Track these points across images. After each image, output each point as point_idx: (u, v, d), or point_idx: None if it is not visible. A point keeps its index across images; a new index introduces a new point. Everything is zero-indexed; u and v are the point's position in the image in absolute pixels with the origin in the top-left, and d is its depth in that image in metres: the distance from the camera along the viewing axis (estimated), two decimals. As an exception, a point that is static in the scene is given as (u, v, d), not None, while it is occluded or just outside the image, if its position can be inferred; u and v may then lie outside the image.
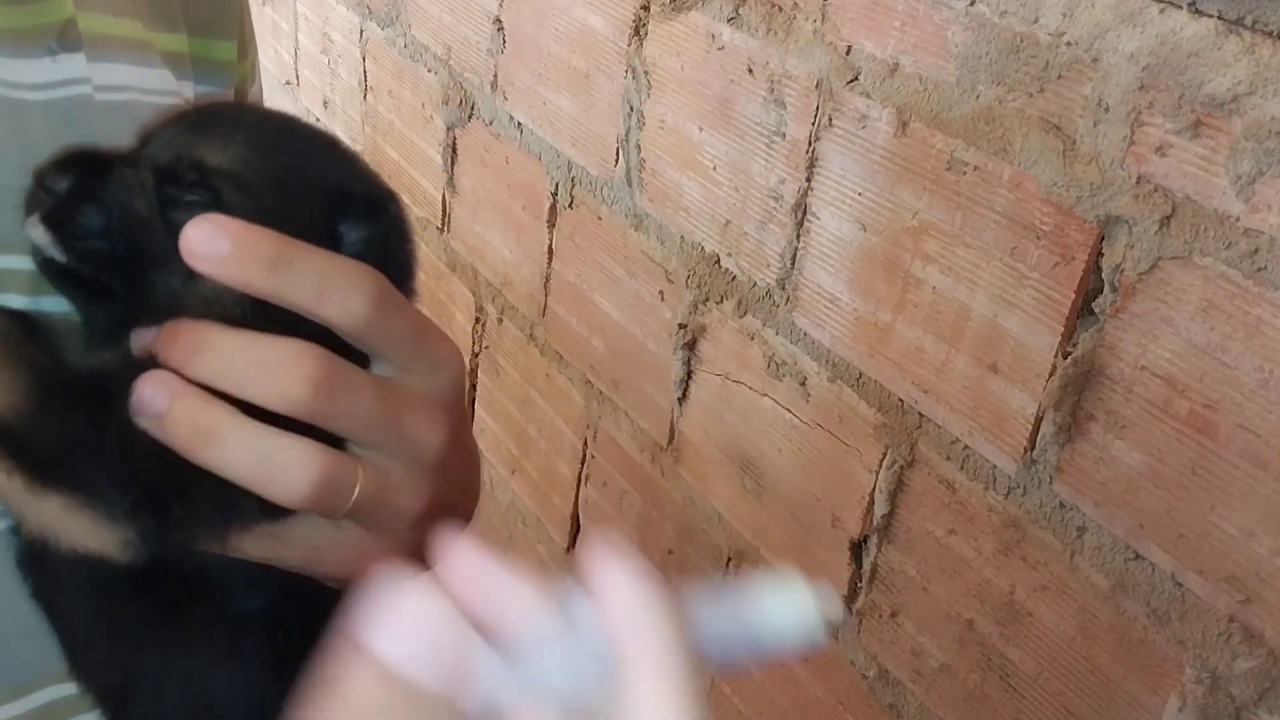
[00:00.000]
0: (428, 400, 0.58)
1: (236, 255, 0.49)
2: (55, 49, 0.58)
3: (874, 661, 1.00)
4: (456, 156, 1.58)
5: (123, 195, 0.54)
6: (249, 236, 0.50)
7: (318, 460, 0.53)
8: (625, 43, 1.19)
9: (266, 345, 0.51)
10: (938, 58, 0.86)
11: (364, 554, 0.58)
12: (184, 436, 0.51)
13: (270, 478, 0.52)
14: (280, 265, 0.50)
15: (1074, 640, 0.82)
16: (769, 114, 1.02)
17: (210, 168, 0.54)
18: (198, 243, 0.49)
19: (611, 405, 1.32)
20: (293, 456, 0.52)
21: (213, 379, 0.51)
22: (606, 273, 1.29)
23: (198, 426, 0.50)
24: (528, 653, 0.39)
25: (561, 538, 1.46)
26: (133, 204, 0.54)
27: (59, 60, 0.58)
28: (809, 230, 1.00)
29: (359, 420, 0.54)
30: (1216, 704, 0.73)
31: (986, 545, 0.88)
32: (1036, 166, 0.80)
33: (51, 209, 0.54)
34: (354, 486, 0.54)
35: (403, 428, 0.57)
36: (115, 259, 0.55)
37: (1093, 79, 0.76)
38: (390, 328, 0.54)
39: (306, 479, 0.52)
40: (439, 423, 0.58)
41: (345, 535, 0.57)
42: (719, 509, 1.17)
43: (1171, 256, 0.73)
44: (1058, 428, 0.81)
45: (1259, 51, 0.66)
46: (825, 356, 1.00)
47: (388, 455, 0.57)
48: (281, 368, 0.51)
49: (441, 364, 0.59)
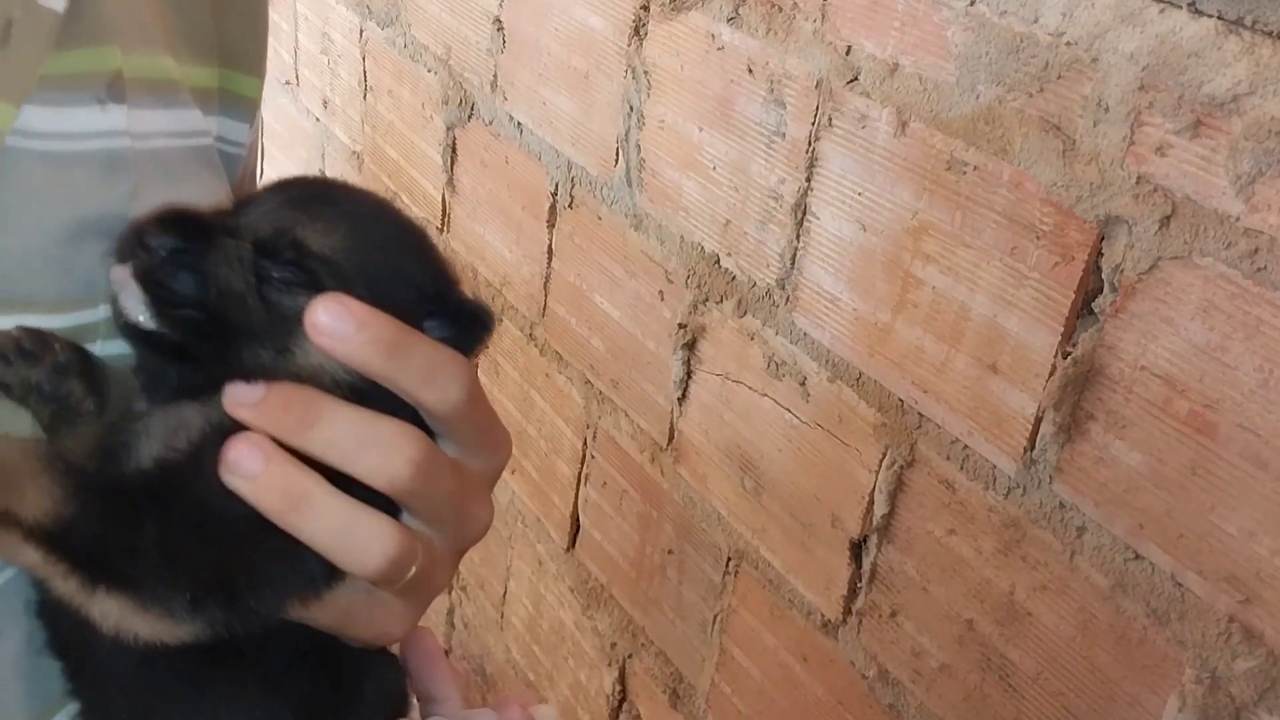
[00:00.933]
0: (484, 483, 0.61)
1: (360, 338, 0.51)
2: (104, 99, 0.59)
3: (874, 661, 1.00)
4: (456, 156, 1.58)
5: (223, 267, 0.54)
6: (373, 321, 0.52)
7: (395, 537, 0.54)
8: (625, 43, 1.19)
9: (377, 424, 0.53)
10: (938, 58, 0.86)
11: (391, 618, 0.60)
12: (275, 500, 0.52)
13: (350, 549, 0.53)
14: (397, 351, 0.52)
15: (1074, 640, 0.82)
16: (769, 114, 1.02)
17: (311, 250, 0.55)
18: (326, 322, 0.51)
19: (611, 405, 1.32)
20: (375, 531, 0.54)
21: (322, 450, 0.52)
22: (606, 273, 1.29)
23: (290, 492, 0.52)
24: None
25: (561, 538, 1.46)
26: (231, 277, 0.54)
27: (106, 110, 0.59)
28: (809, 230, 1.00)
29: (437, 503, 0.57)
30: (1216, 704, 0.73)
31: (986, 545, 0.88)
32: (1036, 166, 0.80)
33: (149, 268, 0.53)
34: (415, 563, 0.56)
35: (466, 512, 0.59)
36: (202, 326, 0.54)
37: (1092, 79, 0.76)
38: (473, 417, 0.57)
39: (384, 554, 0.54)
40: (489, 506, 0.61)
41: (378, 601, 0.59)
42: (719, 509, 1.17)
43: (1171, 256, 0.73)
44: (1058, 428, 0.81)
45: (1259, 51, 0.66)
46: (825, 356, 1.00)
47: (443, 534, 0.59)
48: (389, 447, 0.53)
49: (499, 447, 0.62)
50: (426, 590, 0.60)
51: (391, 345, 0.52)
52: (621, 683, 1.38)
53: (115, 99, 0.59)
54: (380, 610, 0.59)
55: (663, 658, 1.29)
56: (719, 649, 1.20)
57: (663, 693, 1.29)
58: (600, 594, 1.40)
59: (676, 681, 1.27)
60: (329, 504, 0.52)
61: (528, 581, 1.56)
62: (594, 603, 1.41)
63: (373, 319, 0.52)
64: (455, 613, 1.79)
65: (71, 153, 0.58)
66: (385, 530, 0.54)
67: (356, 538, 0.53)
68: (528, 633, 1.58)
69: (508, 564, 1.60)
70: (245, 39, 0.71)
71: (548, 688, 1.55)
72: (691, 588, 1.23)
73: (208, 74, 0.68)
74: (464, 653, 1.78)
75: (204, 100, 0.68)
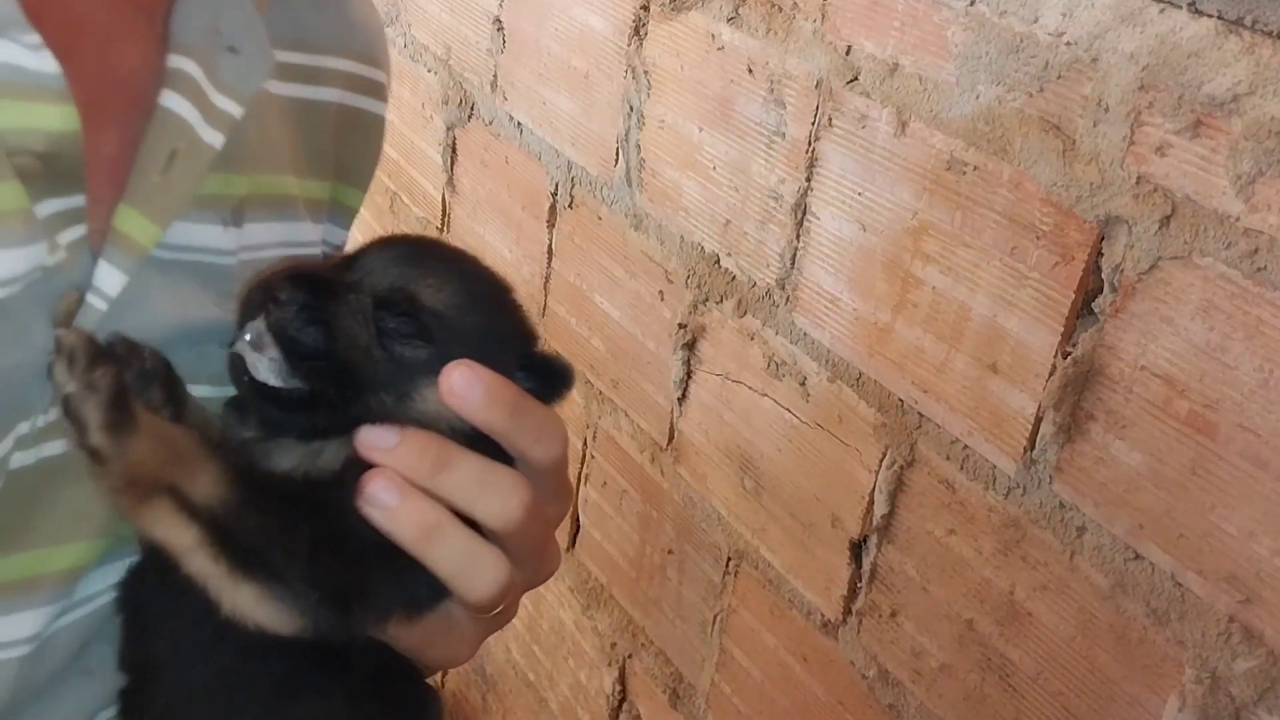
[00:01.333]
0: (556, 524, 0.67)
1: (487, 400, 0.58)
2: (228, 220, 0.65)
3: (874, 661, 1.00)
4: (456, 156, 1.58)
5: (347, 320, 0.58)
6: (498, 386, 0.58)
7: (506, 569, 0.60)
8: (625, 43, 1.19)
9: (496, 472, 0.60)
10: (938, 58, 0.86)
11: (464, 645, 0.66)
12: (410, 530, 0.57)
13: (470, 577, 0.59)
14: (516, 413, 0.59)
15: (1074, 640, 0.82)
16: (769, 114, 1.02)
17: (424, 305, 0.61)
18: (459, 385, 0.57)
19: (611, 405, 1.32)
20: (491, 561, 0.60)
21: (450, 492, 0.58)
22: (606, 273, 1.29)
23: (424, 524, 0.58)
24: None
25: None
26: (356, 329, 0.59)
27: (228, 231, 0.65)
28: (809, 230, 1.00)
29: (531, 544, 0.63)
30: (1216, 704, 0.73)
31: (986, 545, 0.88)
32: (1036, 166, 0.80)
33: (282, 321, 0.57)
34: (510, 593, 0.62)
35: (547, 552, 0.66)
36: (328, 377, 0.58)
37: (1092, 79, 0.76)
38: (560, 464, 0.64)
39: (497, 583, 0.60)
40: (558, 549, 0.68)
41: (457, 627, 0.64)
42: (719, 509, 1.17)
43: (1171, 256, 0.73)
44: (1057, 428, 0.81)
45: (1259, 51, 0.66)
46: (825, 356, 1.00)
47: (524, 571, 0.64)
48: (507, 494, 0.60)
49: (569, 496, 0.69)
50: (501, 621, 0.67)
51: (512, 408, 0.59)
52: (621, 683, 1.38)
53: (236, 223, 0.66)
54: (456, 636, 0.65)
55: (663, 658, 1.29)
56: (719, 649, 1.20)
57: (663, 693, 1.29)
58: (600, 594, 1.40)
59: (676, 681, 1.27)
60: (457, 536, 0.58)
61: (528, 581, 1.56)
62: (594, 603, 1.41)
63: (497, 384, 0.58)
64: (455, 613, 1.79)
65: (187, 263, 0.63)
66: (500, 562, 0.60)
67: (476, 567, 0.59)
68: (528, 633, 1.58)
69: (508, 564, 1.60)
70: (358, 159, 0.78)
71: (548, 688, 1.55)
72: (691, 588, 1.23)
73: (322, 187, 0.76)
74: (464, 653, 1.78)
75: (315, 210, 0.74)
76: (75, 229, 0.57)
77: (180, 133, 0.60)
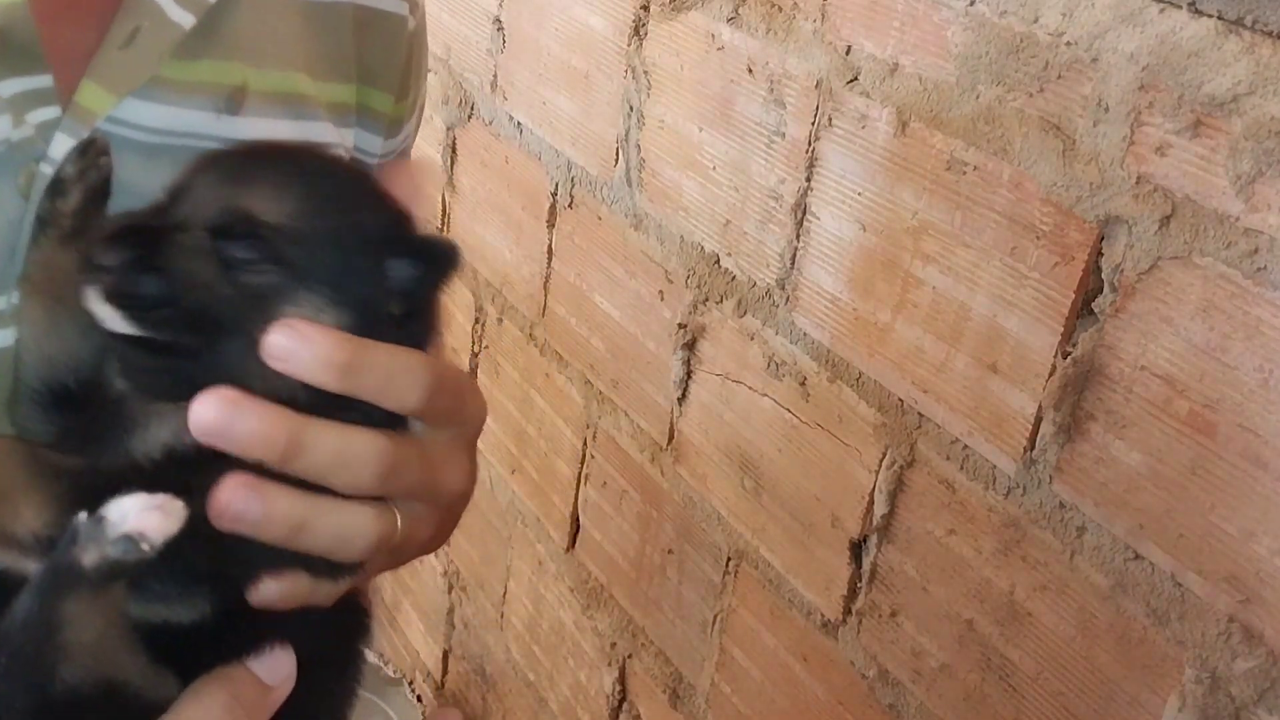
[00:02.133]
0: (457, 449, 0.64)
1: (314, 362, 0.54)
2: (222, 108, 0.64)
3: (874, 661, 1.00)
4: (456, 156, 1.58)
5: (182, 260, 0.55)
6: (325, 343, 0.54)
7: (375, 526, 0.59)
8: (625, 43, 1.19)
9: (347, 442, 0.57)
10: (938, 58, 0.86)
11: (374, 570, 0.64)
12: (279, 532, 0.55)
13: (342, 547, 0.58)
14: (351, 369, 0.55)
15: (1074, 640, 0.82)
16: (769, 114, 1.02)
17: (264, 222, 0.55)
18: (279, 349, 0.53)
19: (611, 405, 1.32)
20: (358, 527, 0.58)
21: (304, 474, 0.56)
22: (606, 273, 1.29)
23: (292, 522, 0.55)
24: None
25: (561, 537, 1.46)
26: (194, 268, 0.55)
27: (221, 119, 0.64)
28: (809, 230, 1.00)
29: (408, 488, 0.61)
30: (1216, 704, 0.73)
31: (986, 545, 0.88)
32: (1036, 166, 0.80)
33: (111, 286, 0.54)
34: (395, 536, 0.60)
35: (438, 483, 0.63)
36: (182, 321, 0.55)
37: (1092, 79, 0.76)
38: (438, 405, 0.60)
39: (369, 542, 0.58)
40: (463, 469, 0.65)
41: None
42: (719, 509, 1.17)
43: (1171, 256, 0.73)
44: (1057, 428, 0.81)
45: (1259, 51, 0.66)
46: (825, 356, 1.00)
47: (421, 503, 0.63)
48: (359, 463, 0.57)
49: (473, 417, 0.65)
50: (412, 550, 0.66)
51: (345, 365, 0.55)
52: (621, 683, 1.38)
53: (231, 110, 0.65)
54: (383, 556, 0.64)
55: (663, 658, 1.29)
56: (719, 649, 1.20)
57: (663, 693, 1.29)
58: (600, 594, 1.40)
59: (676, 681, 1.27)
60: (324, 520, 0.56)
61: (527, 581, 1.56)
62: (594, 603, 1.41)
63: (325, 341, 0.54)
64: (455, 613, 1.79)
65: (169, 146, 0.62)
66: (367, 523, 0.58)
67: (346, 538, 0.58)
68: (527, 633, 1.58)
69: (507, 564, 1.60)
70: (380, 62, 0.76)
71: (548, 688, 1.55)
72: (691, 588, 1.23)
73: (345, 90, 0.74)
74: (464, 652, 1.78)
75: (340, 114, 0.73)
76: (48, 109, 0.58)
77: (146, 11, 0.61)
